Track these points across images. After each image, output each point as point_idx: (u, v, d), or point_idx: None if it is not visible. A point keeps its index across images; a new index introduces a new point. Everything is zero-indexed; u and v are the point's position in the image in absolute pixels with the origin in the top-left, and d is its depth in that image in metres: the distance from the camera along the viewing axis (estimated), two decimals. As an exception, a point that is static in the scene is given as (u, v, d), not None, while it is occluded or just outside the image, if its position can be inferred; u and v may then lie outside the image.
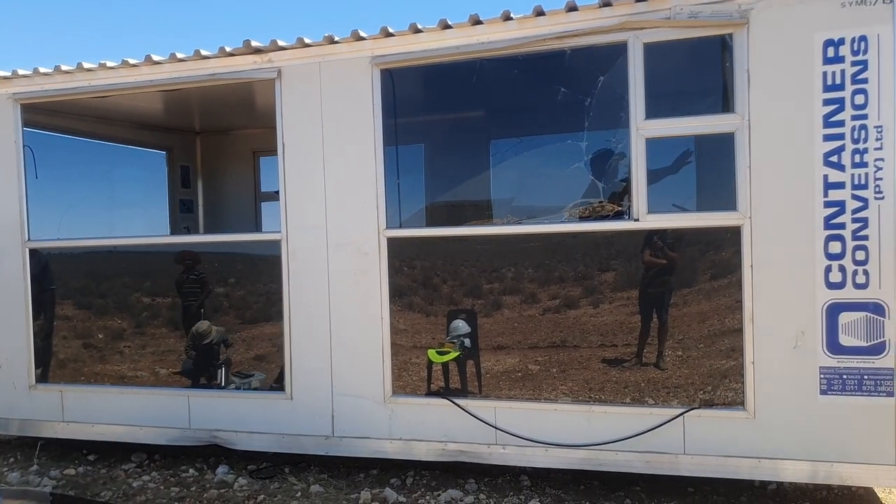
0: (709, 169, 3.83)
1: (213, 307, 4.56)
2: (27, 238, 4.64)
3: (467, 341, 3.94)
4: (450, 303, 3.99)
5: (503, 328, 3.89)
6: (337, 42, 3.95)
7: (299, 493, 3.96)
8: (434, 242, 4.08)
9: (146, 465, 4.57)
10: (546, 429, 3.77)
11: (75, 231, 4.84)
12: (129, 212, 6.29)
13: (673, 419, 3.55)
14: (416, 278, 4.08)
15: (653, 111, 3.50)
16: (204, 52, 4.16)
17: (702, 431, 3.53)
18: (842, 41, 3.23)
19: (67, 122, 5.36)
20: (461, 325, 3.95)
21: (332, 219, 4.04)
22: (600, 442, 3.67)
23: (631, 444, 3.63)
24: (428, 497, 3.83)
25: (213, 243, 4.81)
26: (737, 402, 3.47)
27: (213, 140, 6.63)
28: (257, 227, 6.36)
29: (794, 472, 3.44)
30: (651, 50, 3.49)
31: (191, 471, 4.39)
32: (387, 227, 3.95)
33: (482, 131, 4.47)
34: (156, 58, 4.23)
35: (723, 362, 3.51)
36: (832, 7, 3.23)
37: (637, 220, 3.54)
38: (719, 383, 3.52)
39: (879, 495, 3.63)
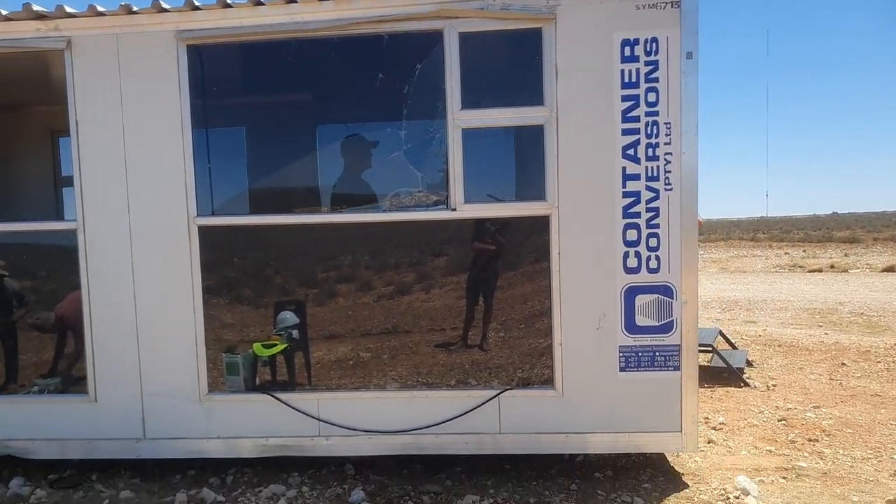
0: (526, 160, 3.94)
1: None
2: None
3: (295, 332, 3.82)
4: (281, 294, 3.85)
5: (336, 317, 3.81)
6: (136, 13, 3.60)
7: (107, 501, 3.67)
8: (260, 231, 3.87)
9: (-77, 484, 4.02)
10: (369, 417, 3.76)
11: None
12: None
13: (489, 400, 3.67)
14: (247, 269, 3.88)
15: (469, 101, 3.54)
16: (-25, 15, 3.63)
17: (516, 411, 3.68)
18: (637, 41, 3.44)
19: None
20: (289, 317, 3.82)
21: (136, 207, 3.72)
22: (422, 426, 3.73)
23: (451, 427, 3.71)
24: (249, 494, 3.69)
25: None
26: (549, 381, 3.65)
27: (1, 117, 5.85)
28: (58, 215, 5.74)
29: (598, 444, 3.70)
30: (467, 40, 3.52)
31: (-22, 487, 3.92)
32: (198, 215, 3.70)
33: (308, 116, 4.30)
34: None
35: (539, 342, 3.67)
36: (628, 9, 3.42)
37: (454, 209, 3.58)
38: (536, 362, 3.68)
39: (668, 459, 3.99)
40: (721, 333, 6.98)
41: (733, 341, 7.12)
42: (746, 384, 5.76)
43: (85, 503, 3.68)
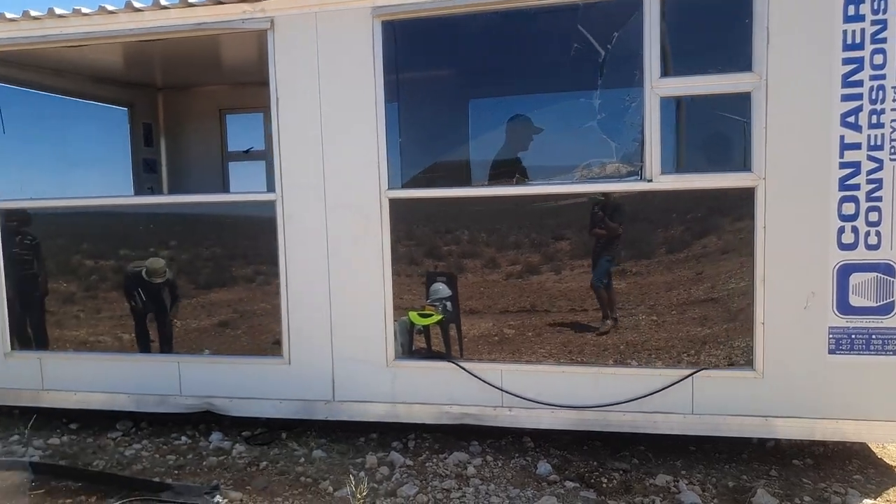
0: (700, 129, 3.73)
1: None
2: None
3: (449, 304, 3.87)
4: (458, 263, 3.92)
5: (512, 290, 3.85)
6: (335, -9, 3.73)
7: (302, 459, 3.88)
8: (443, 203, 3.95)
9: (133, 433, 4.42)
10: (551, 391, 3.74)
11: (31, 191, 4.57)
12: (89, 171, 5.95)
13: (682, 380, 3.56)
14: (426, 240, 3.99)
15: (668, 69, 3.41)
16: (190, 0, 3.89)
17: (710, 391, 3.55)
18: (862, 0, 3.17)
19: (16, 74, 4.96)
20: (442, 288, 3.88)
21: (331, 178, 3.88)
22: (608, 403, 3.67)
23: (639, 405, 3.63)
24: (434, 460, 3.79)
25: (198, 204, 4.54)
26: (748, 361, 3.49)
27: (175, 96, 6.29)
28: (224, 188, 6.13)
29: (798, 429, 3.50)
30: (668, 5, 3.38)
31: (183, 438, 4.26)
32: (389, 188, 3.81)
33: (461, 90, 4.36)
34: (137, 4, 3.94)
35: (726, 324, 3.52)
36: (856, -36, 3.16)
37: (650, 180, 3.47)
38: (729, 341, 3.53)
39: (873, 450, 3.72)
40: None
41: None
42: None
43: (281, 459, 3.91)
